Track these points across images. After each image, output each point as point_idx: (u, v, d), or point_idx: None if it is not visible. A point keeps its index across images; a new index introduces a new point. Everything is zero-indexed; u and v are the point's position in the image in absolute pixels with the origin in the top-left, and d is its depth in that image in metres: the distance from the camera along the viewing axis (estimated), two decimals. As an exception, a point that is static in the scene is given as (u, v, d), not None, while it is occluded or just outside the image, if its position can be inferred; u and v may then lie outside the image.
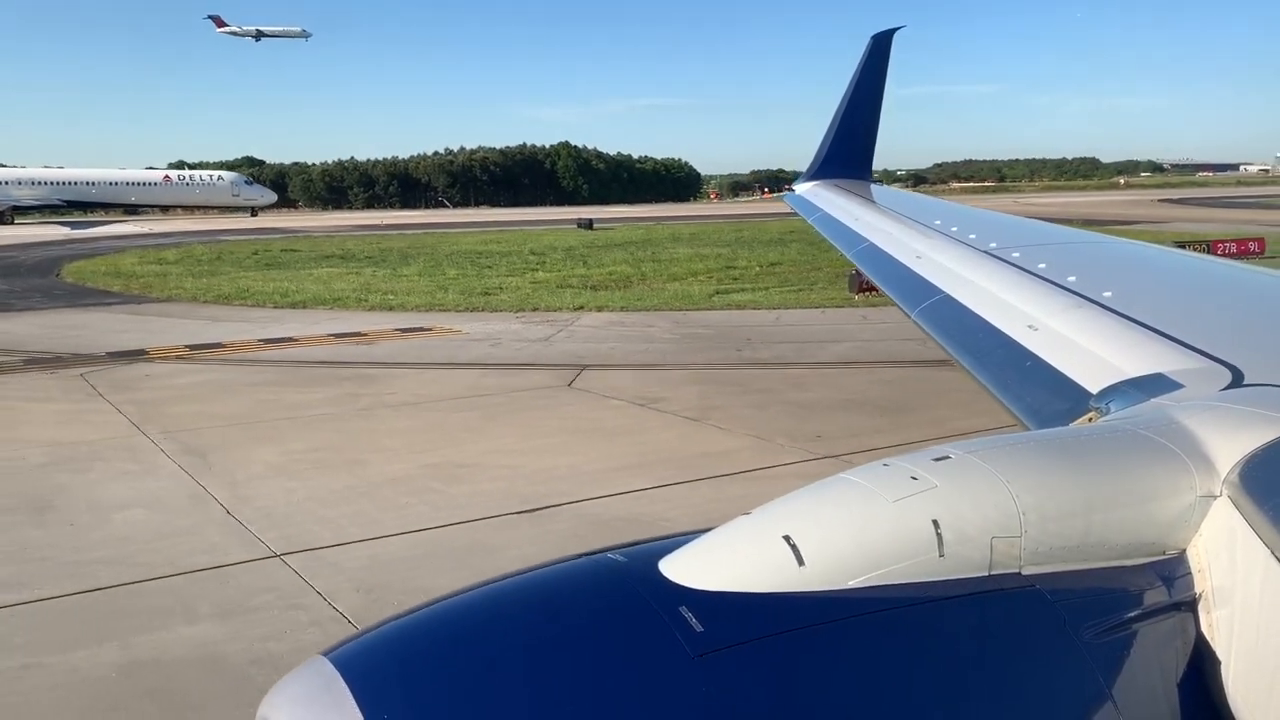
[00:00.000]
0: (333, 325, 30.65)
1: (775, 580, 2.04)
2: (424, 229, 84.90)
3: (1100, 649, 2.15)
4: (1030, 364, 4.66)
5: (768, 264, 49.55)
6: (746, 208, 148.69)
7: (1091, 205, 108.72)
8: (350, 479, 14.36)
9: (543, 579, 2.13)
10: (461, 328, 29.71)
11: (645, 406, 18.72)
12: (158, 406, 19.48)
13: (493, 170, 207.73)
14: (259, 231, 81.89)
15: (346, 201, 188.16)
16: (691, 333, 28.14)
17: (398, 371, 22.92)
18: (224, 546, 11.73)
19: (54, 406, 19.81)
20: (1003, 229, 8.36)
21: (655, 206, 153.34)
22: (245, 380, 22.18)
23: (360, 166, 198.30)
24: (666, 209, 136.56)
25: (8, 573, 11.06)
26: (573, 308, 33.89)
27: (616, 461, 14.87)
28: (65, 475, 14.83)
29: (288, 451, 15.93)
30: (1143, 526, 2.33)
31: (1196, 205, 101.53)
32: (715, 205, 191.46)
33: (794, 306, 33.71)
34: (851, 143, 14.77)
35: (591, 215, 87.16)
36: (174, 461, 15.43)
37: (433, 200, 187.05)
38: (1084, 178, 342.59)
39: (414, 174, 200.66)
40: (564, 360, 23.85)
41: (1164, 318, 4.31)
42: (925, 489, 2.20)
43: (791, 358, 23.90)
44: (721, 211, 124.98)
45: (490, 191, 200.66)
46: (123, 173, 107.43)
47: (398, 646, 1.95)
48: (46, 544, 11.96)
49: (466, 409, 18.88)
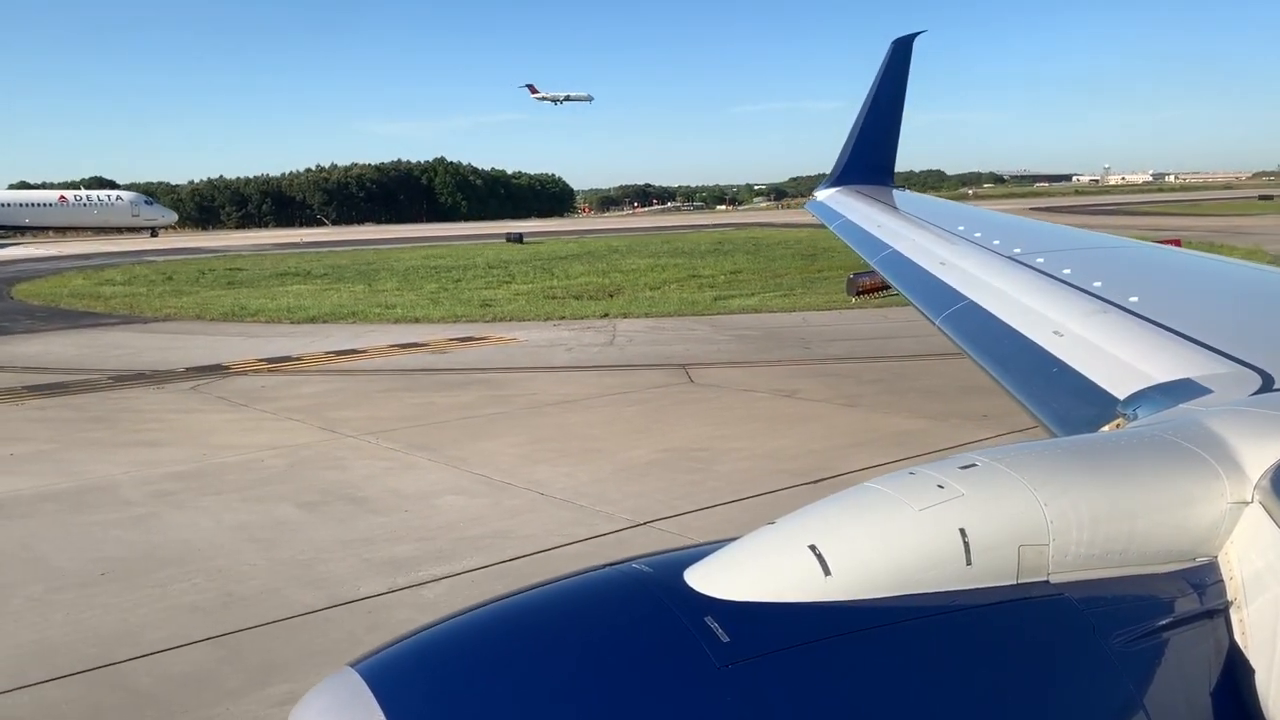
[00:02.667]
0: (378, 337, 31.46)
1: (801, 590, 2.04)
2: (351, 246, 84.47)
3: (1131, 657, 2.13)
4: (1056, 370, 4.62)
5: (731, 271, 51.98)
6: (639, 220, 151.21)
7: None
8: (608, 464, 15.75)
9: (568, 589, 2.14)
10: (514, 336, 30.91)
11: (791, 397, 20.60)
12: (321, 412, 20.29)
13: (369, 187, 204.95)
14: (176, 252, 79.94)
15: (218, 221, 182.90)
16: (740, 334, 30.06)
17: (510, 376, 24.13)
18: (583, 520, 13.05)
19: (214, 416, 20.39)
20: (1026, 234, 8.40)
21: (550, 221, 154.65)
22: (372, 388, 23.05)
23: (232, 185, 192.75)
24: (579, 223, 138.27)
25: (415, 549, 12.19)
26: (598, 315, 35.40)
27: (836, 441, 16.70)
28: (330, 473, 15.78)
29: (514, 444, 17.16)
30: (1173, 533, 2.30)
31: (1068, 212, 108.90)
32: (597, 219, 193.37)
33: (804, 310, 35.85)
34: (873, 148, 14.92)
35: (510, 230, 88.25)
36: (418, 456, 16.53)
37: (310, 218, 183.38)
38: (933, 189, 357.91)
39: (288, 192, 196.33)
40: (658, 361, 25.48)
41: (1191, 322, 4.27)
42: (952, 497, 2.19)
43: (864, 353, 26.02)
44: (628, 225, 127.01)
45: (367, 208, 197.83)
46: (14, 194, 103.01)
47: (424, 657, 1.97)
48: (412, 527, 13.06)
49: (626, 404, 20.35)
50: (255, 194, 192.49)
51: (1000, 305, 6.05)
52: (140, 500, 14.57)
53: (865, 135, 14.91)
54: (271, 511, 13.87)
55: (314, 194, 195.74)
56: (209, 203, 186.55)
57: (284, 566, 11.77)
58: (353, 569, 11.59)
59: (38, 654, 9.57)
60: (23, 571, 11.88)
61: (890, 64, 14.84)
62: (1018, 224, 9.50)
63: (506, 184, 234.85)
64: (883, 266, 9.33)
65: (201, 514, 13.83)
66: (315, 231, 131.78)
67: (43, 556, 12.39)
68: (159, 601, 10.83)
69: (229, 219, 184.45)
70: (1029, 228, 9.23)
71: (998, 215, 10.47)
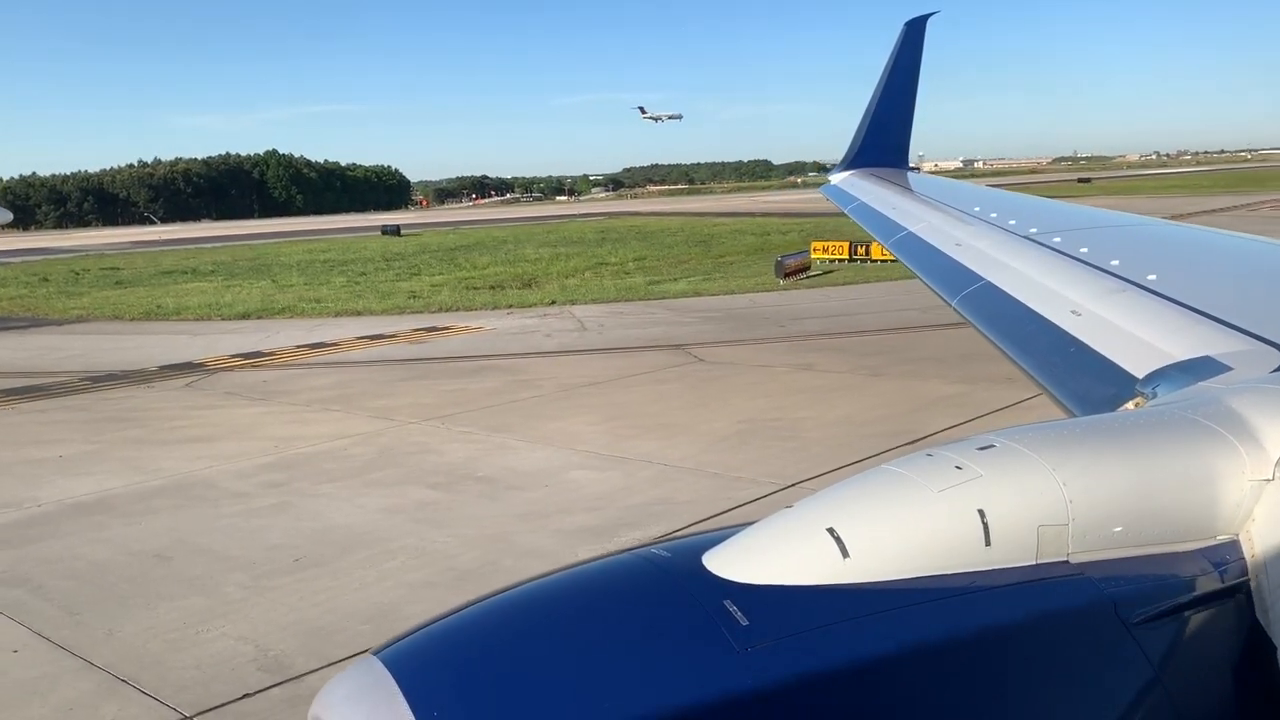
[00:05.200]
0: (334, 331, 31.10)
1: (820, 573, 2.04)
2: (219, 242, 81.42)
3: (1152, 636, 2.13)
4: (1074, 350, 4.60)
5: (636, 258, 52.98)
6: (505, 212, 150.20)
7: (816, 203, 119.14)
8: (698, 436, 16.39)
9: (587, 575, 2.15)
10: (479, 325, 30.98)
11: (811, 370, 21.66)
12: (356, 402, 20.18)
13: (197, 182, 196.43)
14: (23, 253, 75.21)
15: (35, 221, 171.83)
16: (703, 316, 30.96)
17: (516, 361, 24.35)
18: (730, 486, 13.70)
19: (242, 411, 19.98)
20: (1043, 214, 8.34)
21: (396, 214, 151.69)
22: (386, 378, 22.93)
23: (48, 182, 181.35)
24: (451, 214, 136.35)
25: (594, 519, 12.59)
26: (544, 303, 35.71)
27: (896, 408, 17.81)
28: (427, 457, 15.90)
29: (588, 423, 17.57)
30: (1193, 512, 2.30)
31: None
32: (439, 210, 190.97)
33: (739, 292, 36.99)
34: (886, 131, 14.73)
35: (385, 222, 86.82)
36: (502, 437, 16.78)
37: (137, 216, 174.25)
38: (762, 179, 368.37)
39: (110, 188, 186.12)
40: (648, 343, 26.16)
41: (1210, 300, 4.25)
42: (970, 479, 2.19)
43: (839, 329, 27.33)
44: (498, 216, 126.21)
45: (196, 204, 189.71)
46: None
47: (446, 645, 1.98)
48: (569, 500, 13.43)
49: (656, 383, 20.96)
50: (75, 191, 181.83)
51: (1017, 285, 5.98)
52: (255, 492, 14.39)
53: (879, 117, 14.71)
54: (407, 494, 13.97)
55: (139, 191, 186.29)
56: (24, 201, 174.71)
57: (482, 541, 12.01)
58: (552, 539, 11.94)
59: (312, 632, 9.65)
60: (206, 563, 11.73)
61: (903, 46, 14.68)
62: (1034, 204, 9.55)
63: (342, 176, 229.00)
64: (898, 249, 9.29)
65: (335, 501, 13.82)
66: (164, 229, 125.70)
67: (209, 548, 12.23)
68: (386, 580, 10.95)
69: (46, 219, 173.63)
70: (1045, 207, 9.23)
71: (1014, 196, 10.47)
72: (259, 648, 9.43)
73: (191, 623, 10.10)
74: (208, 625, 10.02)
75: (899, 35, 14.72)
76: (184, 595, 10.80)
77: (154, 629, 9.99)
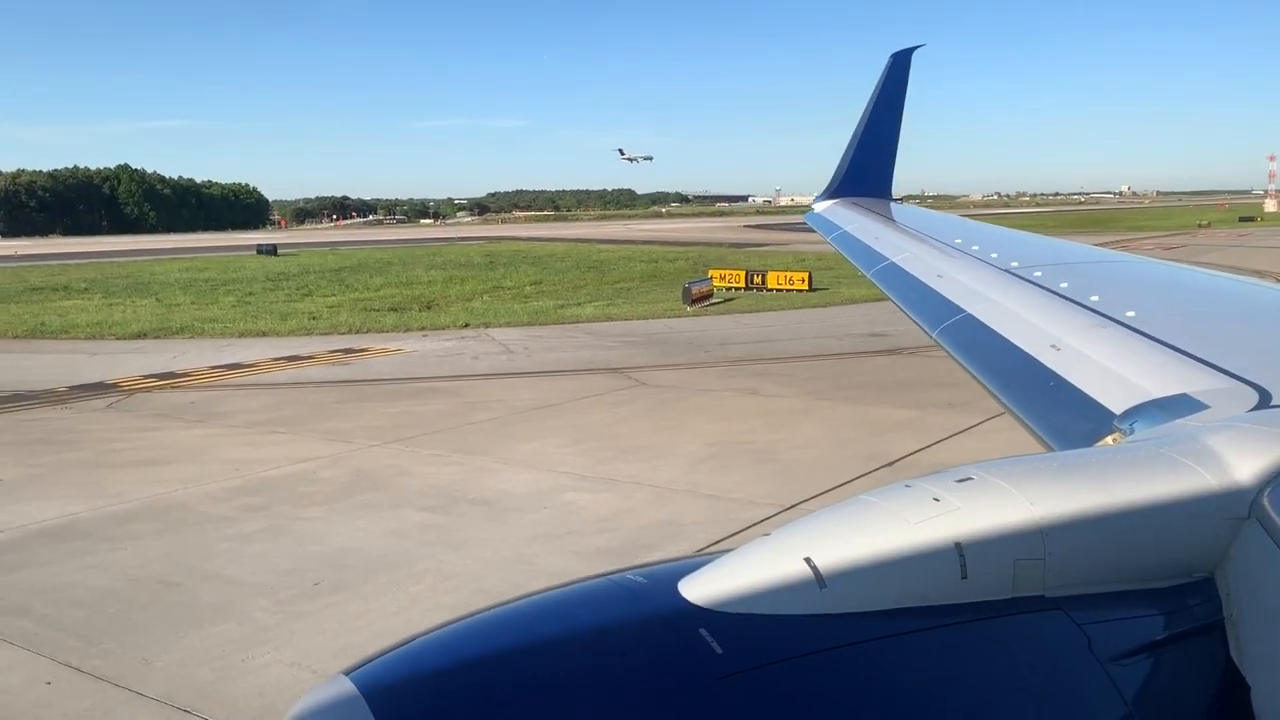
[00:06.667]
0: (244, 352, 30.19)
1: (796, 603, 2.01)
2: (80, 259, 77.58)
3: (1126, 673, 2.11)
4: (1053, 384, 4.62)
5: (532, 282, 53.03)
6: (381, 234, 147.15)
7: (689, 231, 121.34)
8: (676, 459, 16.51)
9: (562, 599, 2.12)
10: (398, 347, 30.46)
11: (757, 395, 22.07)
12: (300, 424, 19.64)
13: (41, 195, 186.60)
14: None
15: None
16: (624, 340, 31.14)
17: (454, 384, 24.05)
18: (730, 508, 13.88)
19: (184, 434, 19.18)
20: (1024, 248, 8.38)
21: (257, 234, 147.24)
22: (321, 400, 22.34)
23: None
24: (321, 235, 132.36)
25: (606, 541, 12.59)
26: (458, 325, 35.34)
27: (858, 431, 18.31)
28: (407, 480, 15.59)
29: (558, 445, 17.51)
30: (1168, 549, 2.30)
31: (787, 230, 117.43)
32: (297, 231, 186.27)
33: (648, 317, 37.33)
34: (871, 161, 14.78)
35: (261, 242, 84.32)
36: (477, 459, 16.58)
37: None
38: (626, 207, 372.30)
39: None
40: (581, 366, 26.19)
41: (1188, 338, 4.28)
42: (948, 510, 2.17)
43: (767, 355, 27.87)
44: (365, 238, 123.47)
45: (41, 219, 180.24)
46: None
47: (418, 666, 1.95)
48: (576, 522, 13.39)
49: (609, 406, 21.02)
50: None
51: (997, 318, 5.98)
52: (237, 516, 13.86)
53: (863, 147, 14.77)
54: (405, 517, 13.68)
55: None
56: None
57: (503, 563, 11.88)
58: (574, 561, 11.89)
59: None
60: (220, 589, 11.27)
61: (889, 77, 14.84)
62: (1015, 238, 9.57)
63: (198, 194, 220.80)
64: (880, 279, 9.12)
65: (331, 525, 13.43)
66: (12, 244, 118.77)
67: (217, 573, 11.74)
68: (421, 602, 10.74)
69: None
70: (1027, 241, 9.26)
71: (995, 229, 10.44)
72: (317, 674, 9.11)
73: (231, 650, 9.69)
74: (251, 652, 9.63)
75: (885, 66, 14.96)
76: (211, 622, 10.35)
77: (194, 657, 9.54)
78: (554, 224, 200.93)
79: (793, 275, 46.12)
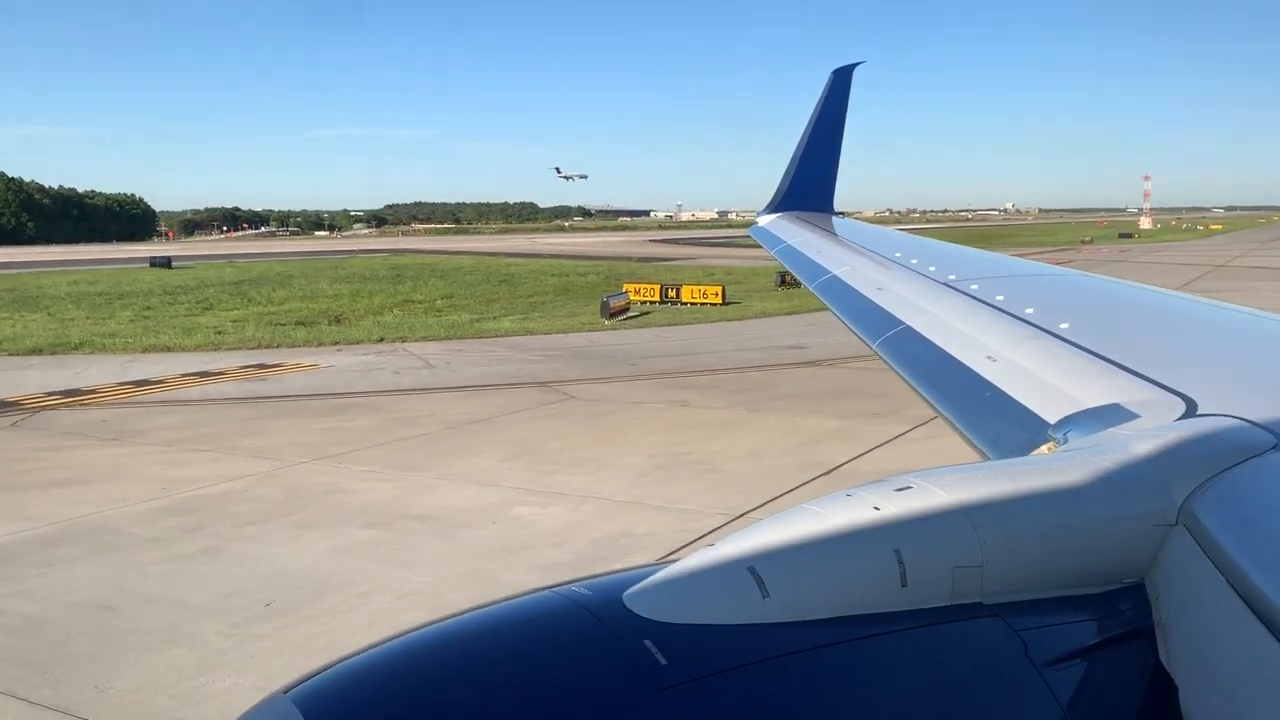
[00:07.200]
0: (151, 368, 29.14)
1: (739, 612, 2.02)
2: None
3: (1061, 677, 2.17)
4: (989, 394, 4.72)
5: (444, 296, 52.51)
6: (278, 245, 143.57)
7: (595, 245, 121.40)
8: (620, 472, 16.44)
9: (505, 613, 2.10)
10: (314, 362, 29.74)
11: (688, 407, 22.10)
12: (223, 441, 19.02)
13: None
14: None
15: None
16: (547, 353, 30.94)
17: (378, 400, 23.58)
18: (682, 518, 13.84)
19: (100, 453, 18.40)
20: (961, 262, 8.51)
21: (146, 245, 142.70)
22: (241, 416, 21.66)
23: None
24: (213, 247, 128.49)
25: (563, 554, 12.43)
26: (372, 340, 34.68)
27: (787, 443, 18.41)
28: (343, 497, 15.20)
29: (498, 460, 17.27)
30: (1101, 555, 2.36)
31: (691, 245, 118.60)
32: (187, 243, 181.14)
33: (567, 331, 37.19)
34: (813, 175, 15.01)
35: (154, 254, 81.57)
36: (414, 475, 16.26)
37: None
38: (529, 220, 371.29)
39: None
40: (506, 380, 25.94)
41: (1119, 349, 4.39)
42: (888, 519, 2.21)
43: (691, 368, 27.95)
44: (262, 250, 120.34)
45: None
46: None
47: (358, 683, 1.91)
48: (529, 536, 13.20)
49: (542, 420, 20.85)
50: None
51: (935, 331, 6.08)
52: (171, 537, 13.32)
53: (806, 162, 14.95)
54: (348, 535, 13.32)
55: None
56: None
57: (462, 580, 11.66)
58: (535, 575, 11.70)
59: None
60: (163, 613, 10.80)
61: (830, 93, 14.98)
62: (952, 251, 9.75)
63: (80, 204, 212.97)
64: (822, 291, 9.24)
65: (271, 545, 13.00)
66: None
67: (158, 596, 11.26)
68: (381, 621, 10.40)
69: None
70: (963, 255, 9.47)
71: (933, 243, 10.69)
72: (283, 698, 8.76)
73: (188, 674, 9.29)
74: (209, 676, 9.24)
75: (827, 82, 15.12)
76: (161, 647, 9.90)
77: (149, 684, 9.12)
78: (456, 237, 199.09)
79: (706, 289, 46.52)
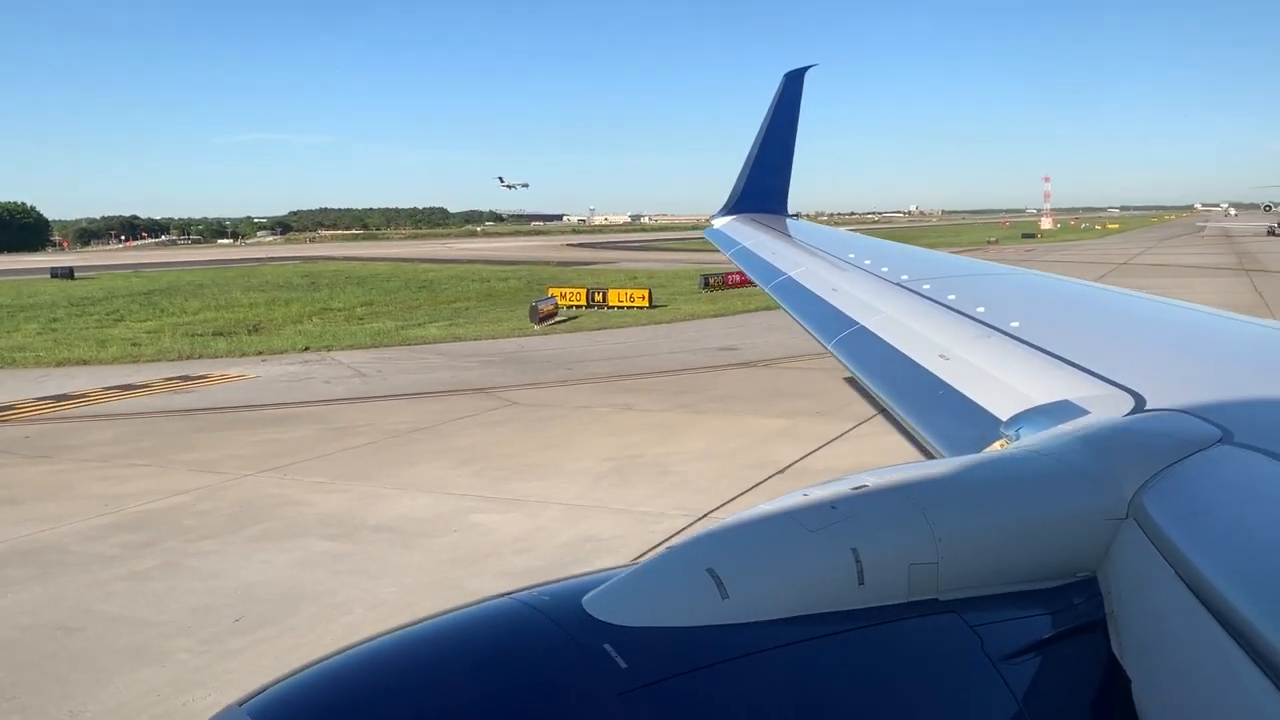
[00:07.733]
0: (67, 381, 28.24)
1: (699, 614, 2.04)
2: None
3: (1016, 671, 2.20)
4: (943, 393, 4.72)
5: (364, 303, 51.76)
6: (184, 254, 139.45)
7: (511, 250, 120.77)
8: (574, 477, 16.45)
9: (463, 620, 2.09)
10: (240, 373, 29.09)
11: (632, 410, 22.16)
12: (159, 455, 18.55)
13: None
14: None
15: None
16: (481, 360, 30.69)
17: (313, 410, 23.15)
18: (643, 521, 13.90)
19: (32, 469, 17.79)
20: (913, 262, 8.56)
21: (39, 256, 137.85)
22: (174, 429, 21.10)
23: None
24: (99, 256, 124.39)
25: (533, 561, 12.38)
26: (298, 349, 34.04)
27: (737, 444, 18.56)
28: (296, 509, 14.92)
29: (448, 467, 17.13)
30: (1053, 550, 2.39)
31: (609, 249, 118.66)
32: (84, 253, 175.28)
33: (496, 336, 36.95)
34: (767, 178, 15.08)
35: (55, 264, 78.66)
36: (366, 485, 16.04)
37: None
38: (440, 225, 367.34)
39: None
40: (442, 388, 25.69)
41: (1069, 346, 4.41)
42: (844, 518, 2.23)
43: (628, 371, 27.99)
44: (166, 259, 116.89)
45: None
46: None
47: (314, 694, 1.90)
48: (491, 544, 13.11)
49: (486, 427, 20.70)
50: None
51: (889, 330, 6.16)
52: (123, 555, 12.95)
53: (760, 165, 15.09)
54: (308, 547, 13.10)
55: None
56: None
57: (431, 589, 11.53)
58: (504, 581, 11.46)
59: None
60: (127, 631, 10.51)
61: (783, 96, 15.09)
62: (904, 251, 9.84)
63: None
64: (777, 293, 9.33)
65: (230, 560, 12.72)
66: None
67: (119, 615, 10.94)
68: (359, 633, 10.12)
69: None
70: (914, 255, 9.52)
71: (885, 244, 10.82)
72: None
73: (166, 694, 9.06)
74: (189, 695, 9.02)
75: (779, 86, 15.26)
76: (133, 667, 9.63)
77: (126, 704, 8.88)
78: (366, 243, 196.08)
79: (633, 293, 46.62)
